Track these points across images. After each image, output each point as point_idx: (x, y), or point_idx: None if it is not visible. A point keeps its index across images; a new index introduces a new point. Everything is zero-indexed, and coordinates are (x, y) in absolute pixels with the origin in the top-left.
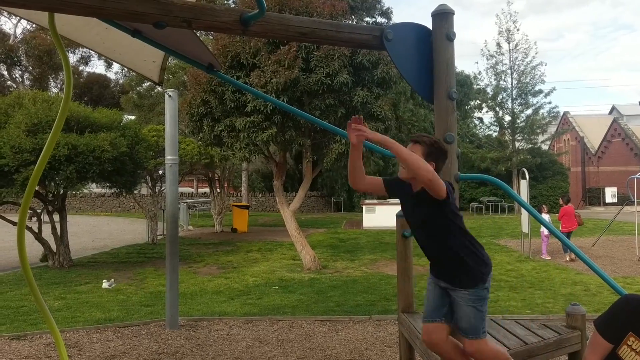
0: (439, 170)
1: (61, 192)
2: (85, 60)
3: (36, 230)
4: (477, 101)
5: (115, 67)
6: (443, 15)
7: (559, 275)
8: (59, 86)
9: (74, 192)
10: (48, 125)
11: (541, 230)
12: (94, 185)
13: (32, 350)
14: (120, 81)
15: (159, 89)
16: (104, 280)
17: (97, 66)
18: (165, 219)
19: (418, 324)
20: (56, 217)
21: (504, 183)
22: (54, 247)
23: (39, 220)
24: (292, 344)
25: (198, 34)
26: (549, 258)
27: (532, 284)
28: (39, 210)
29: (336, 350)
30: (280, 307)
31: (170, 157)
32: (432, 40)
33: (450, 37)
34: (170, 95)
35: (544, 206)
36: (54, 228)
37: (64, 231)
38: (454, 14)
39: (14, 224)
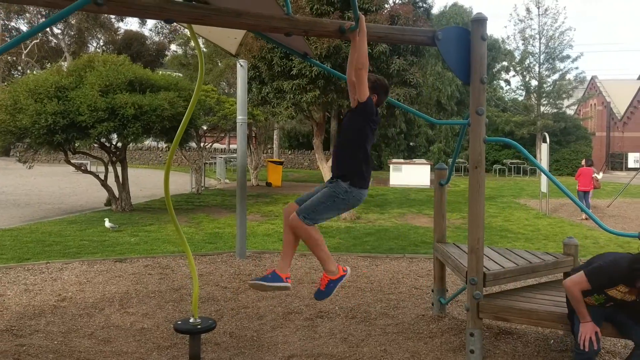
0: (380, 103)
1: (127, 144)
2: (121, 17)
3: (102, 178)
4: (504, 63)
5: (149, 24)
6: (479, 22)
7: (572, 230)
8: (94, 43)
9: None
10: (118, 87)
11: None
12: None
13: (134, 269)
14: (155, 39)
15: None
16: (106, 219)
17: (131, 23)
18: (236, 169)
19: (449, 249)
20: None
21: (522, 148)
22: (116, 193)
23: (106, 169)
24: None
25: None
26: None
27: (546, 237)
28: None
29: (378, 278)
30: None
31: (240, 117)
32: (470, 39)
33: (484, 38)
34: (241, 65)
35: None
36: (116, 176)
37: (125, 179)
38: (487, 20)
39: (84, 171)
